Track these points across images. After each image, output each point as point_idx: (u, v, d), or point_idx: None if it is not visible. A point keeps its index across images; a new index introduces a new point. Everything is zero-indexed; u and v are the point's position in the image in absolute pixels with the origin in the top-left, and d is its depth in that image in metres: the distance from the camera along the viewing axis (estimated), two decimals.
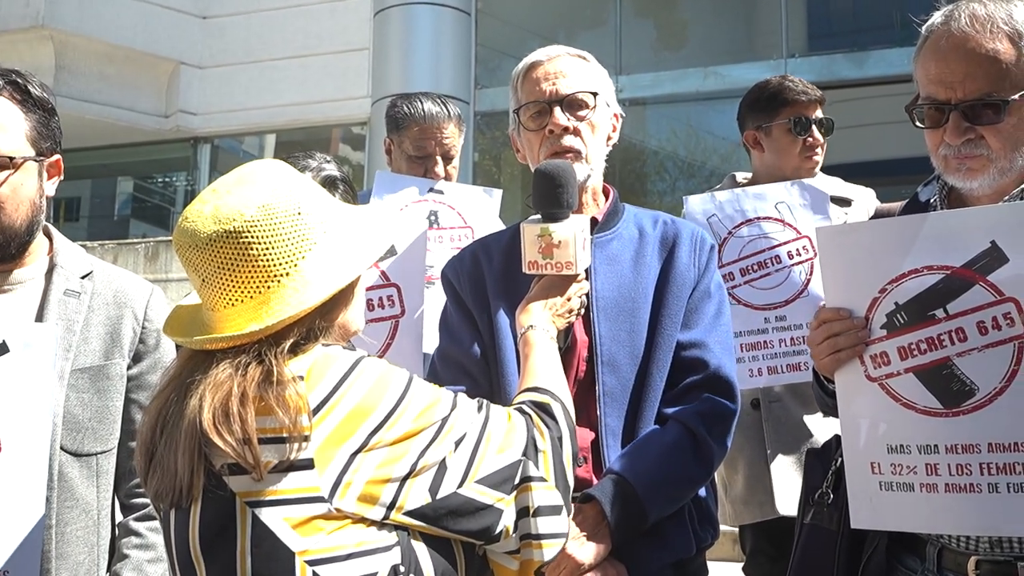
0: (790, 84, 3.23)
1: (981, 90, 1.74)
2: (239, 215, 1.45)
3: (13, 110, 2.01)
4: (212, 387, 1.42)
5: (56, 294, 2.07)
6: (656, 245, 2.19)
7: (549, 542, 1.58)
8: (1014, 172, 1.79)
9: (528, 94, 2.20)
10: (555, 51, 2.23)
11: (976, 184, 1.81)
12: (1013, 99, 1.73)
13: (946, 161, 1.82)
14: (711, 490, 2.18)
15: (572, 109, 2.16)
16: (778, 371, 2.93)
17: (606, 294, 2.12)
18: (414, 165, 3.21)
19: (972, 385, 1.68)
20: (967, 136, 1.77)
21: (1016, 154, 1.78)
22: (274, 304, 1.46)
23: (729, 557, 5.01)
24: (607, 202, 2.25)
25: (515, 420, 1.63)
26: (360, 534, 1.44)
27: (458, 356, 2.19)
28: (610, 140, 2.27)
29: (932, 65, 1.80)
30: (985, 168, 1.79)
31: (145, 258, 11.02)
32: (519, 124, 2.24)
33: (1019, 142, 1.77)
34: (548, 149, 2.15)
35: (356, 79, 14.02)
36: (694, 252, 2.17)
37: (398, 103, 3.29)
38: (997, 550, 1.75)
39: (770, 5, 13.03)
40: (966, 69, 1.75)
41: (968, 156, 1.79)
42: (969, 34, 1.76)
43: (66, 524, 2.01)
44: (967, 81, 1.75)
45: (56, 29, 14.21)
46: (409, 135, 3.20)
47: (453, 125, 3.22)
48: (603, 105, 2.21)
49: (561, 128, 2.14)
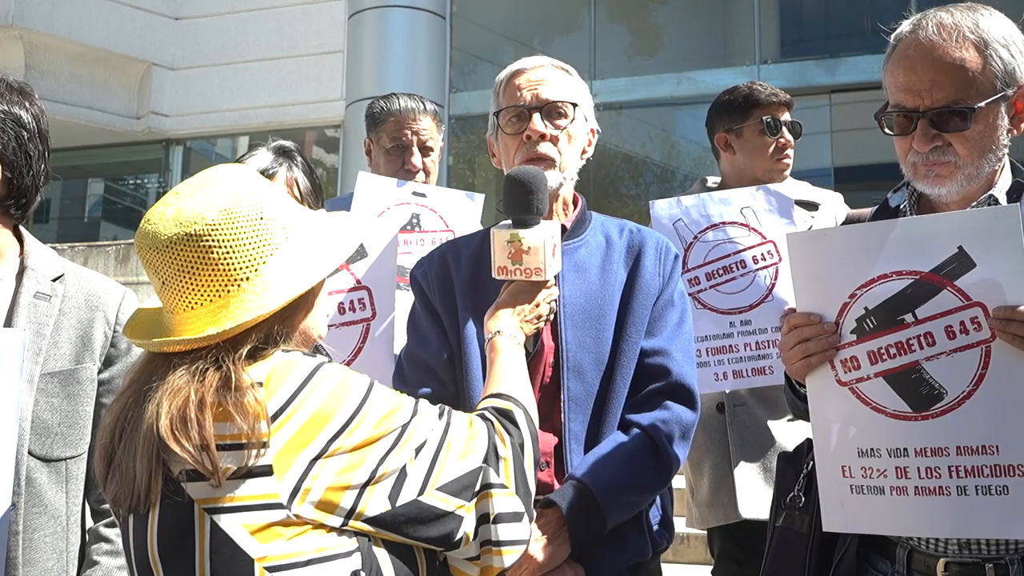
0: (759, 87, 3.27)
1: (948, 98, 1.76)
2: (200, 218, 1.45)
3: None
4: (169, 393, 1.41)
5: (26, 297, 2.04)
6: (623, 253, 2.21)
7: (509, 549, 1.58)
8: (981, 178, 1.82)
9: (509, 99, 2.22)
10: (539, 61, 2.25)
11: (944, 191, 1.83)
12: (979, 107, 1.75)
13: (915, 168, 1.84)
14: (668, 494, 2.21)
15: (551, 117, 2.18)
16: (743, 375, 2.95)
17: (573, 301, 2.13)
18: (391, 158, 3.23)
19: (941, 389, 1.70)
20: (935, 143, 1.80)
21: (983, 160, 1.80)
22: (233, 308, 1.45)
23: (700, 560, 5.03)
24: (575, 210, 2.27)
25: (476, 427, 1.63)
26: (320, 540, 1.44)
27: (424, 358, 2.19)
28: (584, 154, 2.29)
29: (900, 73, 1.82)
30: (953, 175, 1.81)
31: (115, 260, 10.93)
32: (498, 128, 2.26)
33: (985, 149, 1.79)
34: (524, 155, 2.17)
35: (330, 82, 13.98)
36: (659, 261, 2.20)
37: (375, 102, 3.34)
38: (966, 552, 1.77)
39: (743, 12, 13.16)
40: (933, 77, 1.77)
41: (936, 163, 1.81)
42: (936, 42, 1.78)
43: (34, 530, 1.98)
44: (934, 89, 1.77)
45: (26, 29, 14.06)
46: (385, 129, 3.24)
47: (429, 119, 3.26)
48: (581, 118, 2.23)
49: (538, 135, 2.16)
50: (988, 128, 1.78)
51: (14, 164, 2.04)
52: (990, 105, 1.77)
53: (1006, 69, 1.77)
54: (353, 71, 13.37)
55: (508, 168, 2.18)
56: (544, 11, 14.19)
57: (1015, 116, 1.81)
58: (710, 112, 3.37)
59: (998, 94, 1.76)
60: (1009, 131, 1.81)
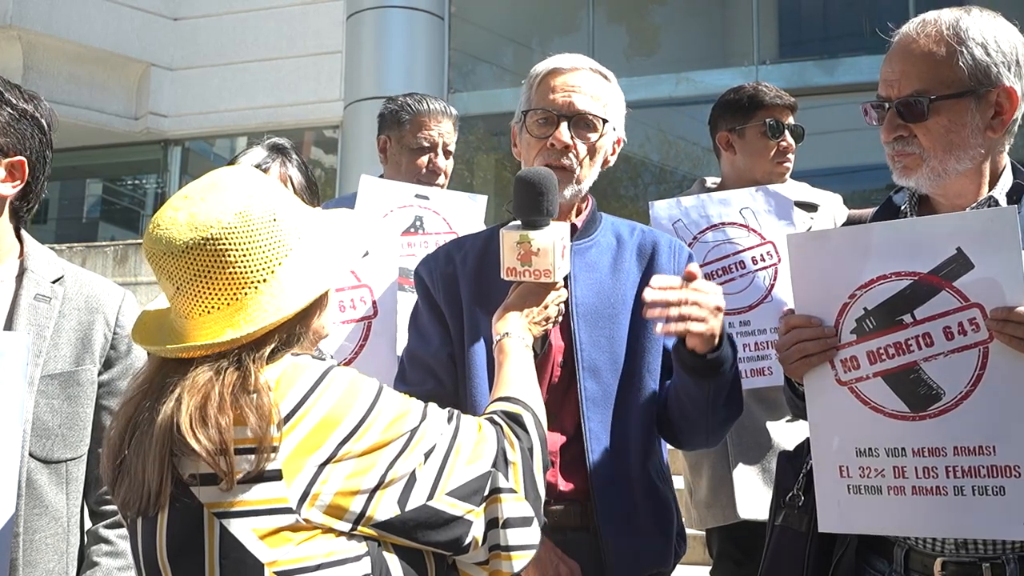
0: (764, 89, 3.27)
1: (913, 88, 1.81)
2: (216, 222, 1.44)
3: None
4: (190, 389, 1.41)
5: (26, 299, 2.04)
6: (634, 252, 2.20)
7: (518, 554, 1.58)
8: (950, 175, 1.84)
9: (540, 99, 2.16)
10: (578, 62, 2.18)
11: (912, 182, 1.87)
12: (935, 98, 1.79)
13: (890, 159, 1.89)
14: (679, 510, 2.21)
15: (578, 128, 2.14)
16: (742, 376, 2.95)
17: (585, 300, 2.12)
18: (415, 156, 3.29)
19: (938, 389, 1.71)
20: (898, 133, 1.84)
21: (949, 156, 1.82)
22: (251, 311, 1.45)
23: (699, 561, 5.03)
24: (586, 210, 2.26)
25: (485, 431, 1.62)
26: (330, 544, 1.43)
27: (425, 357, 2.18)
28: (607, 164, 2.25)
29: (884, 65, 1.88)
30: (918, 166, 1.84)
31: (114, 261, 10.92)
32: (523, 124, 2.21)
33: (952, 145, 1.81)
34: (544, 160, 2.13)
35: (329, 82, 13.97)
36: (673, 258, 2.19)
37: (399, 100, 3.39)
38: (963, 551, 1.78)
39: (742, 12, 13.16)
40: (903, 68, 1.83)
41: (901, 153, 1.85)
42: (912, 37, 1.84)
43: (35, 532, 1.99)
44: (903, 80, 1.83)
45: (24, 29, 14.03)
46: (412, 128, 3.30)
47: (452, 123, 3.36)
48: (610, 131, 2.19)
49: (563, 145, 2.12)
50: (954, 124, 1.80)
51: (35, 169, 2.06)
52: (953, 99, 1.79)
53: (977, 67, 1.78)
54: (352, 72, 13.36)
55: (525, 164, 2.16)
56: (543, 12, 14.19)
57: (995, 116, 1.82)
58: (713, 110, 3.36)
59: (965, 90, 1.78)
60: (985, 131, 1.81)
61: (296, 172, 2.55)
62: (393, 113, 3.36)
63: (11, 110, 2.01)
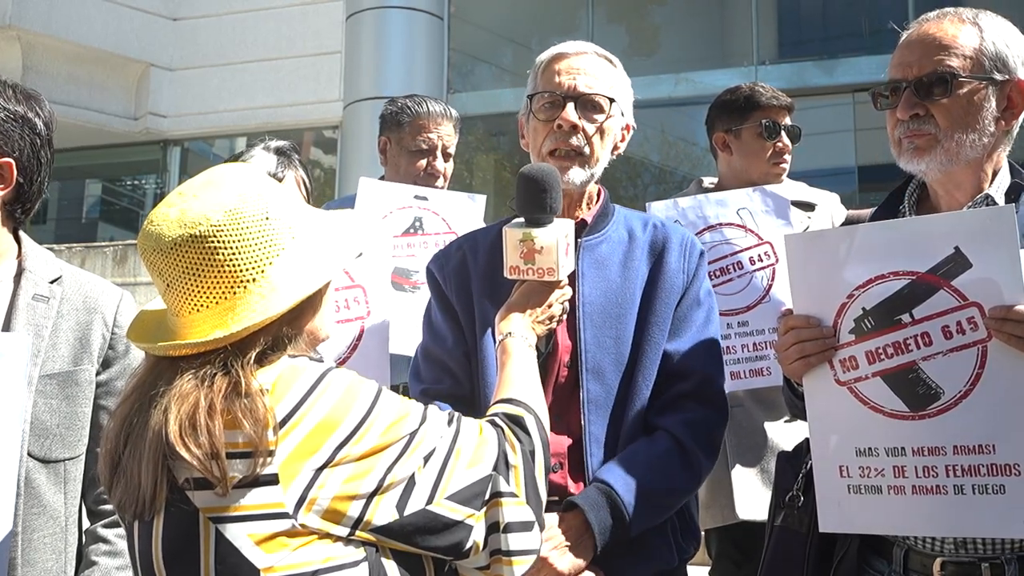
0: (761, 89, 3.27)
1: (935, 67, 1.83)
2: (205, 219, 1.42)
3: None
4: (177, 399, 1.39)
5: (24, 299, 2.04)
6: (645, 249, 2.15)
7: (519, 559, 1.56)
8: (961, 160, 1.84)
9: (545, 83, 2.14)
10: (583, 47, 2.17)
11: (924, 166, 1.86)
12: (962, 75, 1.81)
13: (899, 144, 1.89)
14: (694, 501, 2.17)
15: (585, 109, 2.10)
16: (741, 376, 2.95)
17: (593, 299, 2.08)
18: (415, 158, 3.28)
19: (937, 388, 1.71)
20: (915, 111, 1.85)
21: (963, 137, 1.83)
22: (240, 310, 1.43)
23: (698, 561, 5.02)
24: (598, 203, 2.21)
25: (486, 434, 1.61)
26: (327, 550, 1.42)
27: (440, 354, 2.15)
28: (616, 151, 2.21)
29: (896, 54, 1.90)
30: (932, 147, 1.84)
31: (113, 261, 10.91)
32: (530, 111, 2.17)
33: (968, 126, 1.83)
34: (553, 143, 2.10)
35: (328, 83, 13.96)
36: (683, 258, 2.14)
37: (399, 102, 3.38)
38: (962, 551, 1.78)
39: (741, 12, 13.17)
40: (923, 50, 1.85)
41: (915, 133, 1.86)
42: (934, 23, 1.87)
43: (33, 531, 1.99)
44: (923, 60, 1.84)
45: (24, 29, 14.03)
46: (411, 130, 3.29)
47: (452, 125, 3.34)
48: (617, 113, 2.15)
49: (570, 125, 2.08)
50: (972, 105, 1.82)
51: (27, 170, 2.05)
52: (975, 80, 1.81)
53: (998, 55, 1.82)
54: (351, 72, 13.36)
55: (535, 154, 2.14)
56: (542, 12, 14.19)
57: (1007, 109, 1.85)
58: (710, 111, 3.36)
59: (987, 74, 1.81)
60: (998, 121, 1.84)
61: (303, 173, 2.58)
62: (393, 115, 3.36)
63: None
